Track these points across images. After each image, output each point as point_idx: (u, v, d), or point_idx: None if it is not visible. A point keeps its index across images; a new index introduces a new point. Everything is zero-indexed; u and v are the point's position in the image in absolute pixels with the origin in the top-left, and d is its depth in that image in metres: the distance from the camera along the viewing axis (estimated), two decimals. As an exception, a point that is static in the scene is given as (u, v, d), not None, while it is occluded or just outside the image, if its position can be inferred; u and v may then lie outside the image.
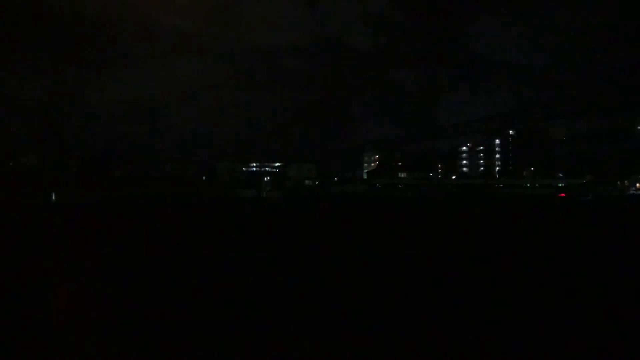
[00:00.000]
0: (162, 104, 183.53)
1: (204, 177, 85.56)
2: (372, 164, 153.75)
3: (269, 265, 12.36)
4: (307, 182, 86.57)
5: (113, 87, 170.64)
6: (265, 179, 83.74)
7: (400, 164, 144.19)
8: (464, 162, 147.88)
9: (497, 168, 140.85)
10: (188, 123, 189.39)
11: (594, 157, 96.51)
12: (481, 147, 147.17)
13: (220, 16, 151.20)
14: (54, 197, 52.75)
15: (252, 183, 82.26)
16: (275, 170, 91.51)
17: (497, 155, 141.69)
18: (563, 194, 60.78)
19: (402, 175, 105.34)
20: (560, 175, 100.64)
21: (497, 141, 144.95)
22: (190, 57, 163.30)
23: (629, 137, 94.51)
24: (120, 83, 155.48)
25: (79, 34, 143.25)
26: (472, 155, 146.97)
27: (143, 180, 67.84)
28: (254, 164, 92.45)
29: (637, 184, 65.05)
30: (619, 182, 67.02)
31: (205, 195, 65.38)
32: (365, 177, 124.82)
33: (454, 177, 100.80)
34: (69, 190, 56.07)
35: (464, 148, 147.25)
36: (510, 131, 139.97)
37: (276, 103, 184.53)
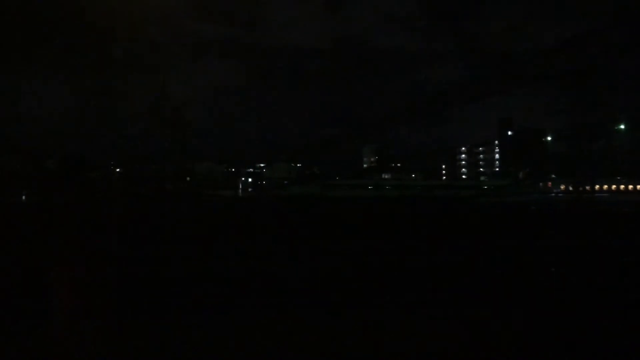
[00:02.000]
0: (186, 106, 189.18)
1: (187, 178, 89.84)
2: (372, 164, 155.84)
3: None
4: (285, 182, 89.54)
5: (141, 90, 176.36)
6: (242, 179, 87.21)
7: (396, 164, 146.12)
8: (463, 162, 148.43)
9: (497, 169, 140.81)
10: (208, 124, 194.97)
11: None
12: (480, 148, 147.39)
13: (244, 19, 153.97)
14: (23, 198, 57.16)
15: (230, 183, 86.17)
16: (255, 171, 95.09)
17: (495, 156, 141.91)
18: None
19: (386, 176, 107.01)
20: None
21: (497, 142, 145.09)
22: (215, 60, 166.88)
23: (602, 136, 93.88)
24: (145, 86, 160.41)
25: (105, 39, 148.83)
26: (471, 155, 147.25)
27: (115, 181, 72.21)
28: (238, 165, 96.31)
29: (562, 186, 64.50)
30: (541, 183, 66.78)
31: (178, 194, 69.23)
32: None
33: (429, 178, 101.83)
34: (42, 191, 60.30)
35: (463, 149, 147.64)
36: (509, 132, 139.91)
37: (298, 105, 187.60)
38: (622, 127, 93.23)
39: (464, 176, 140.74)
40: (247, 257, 14.19)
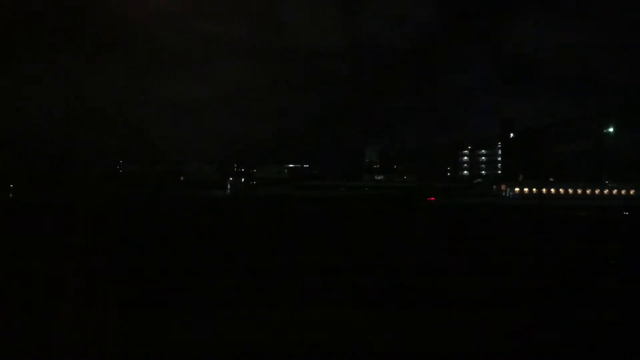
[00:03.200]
0: (204, 105, 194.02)
1: (181, 177, 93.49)
2: (375, 165, 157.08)
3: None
4: (253, 183, 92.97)
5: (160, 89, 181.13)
6: (230, 179, 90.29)
7: (398, 165, 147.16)
8: (465, 164, 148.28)
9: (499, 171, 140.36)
10: (224, 123, 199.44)
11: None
12: (483, 150, 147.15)
13: (262, 21, 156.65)
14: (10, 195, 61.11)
15: (220, 183, 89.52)
16: (247, 171, 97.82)
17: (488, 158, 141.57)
18: (432, 198, 61.51)
19: (379, 177, 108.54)
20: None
21: (499, 144, 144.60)
22: (233, 60, 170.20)
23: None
24: (165, 85, 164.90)
25: (126, 39, 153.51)
26: (473, 157, 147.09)
27: (105, 179, 76.08)
28: (230, 165, 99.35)
29: (517, 189, 64.49)
30: (494, 186, 66.85)
31: (166, 193, 72.72)
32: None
33: (405, 178, 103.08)
34: (29, 188, 64.41)
35: (466, 151, 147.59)
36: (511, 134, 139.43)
37: (313, 105, 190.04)
38: (611, 130, 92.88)
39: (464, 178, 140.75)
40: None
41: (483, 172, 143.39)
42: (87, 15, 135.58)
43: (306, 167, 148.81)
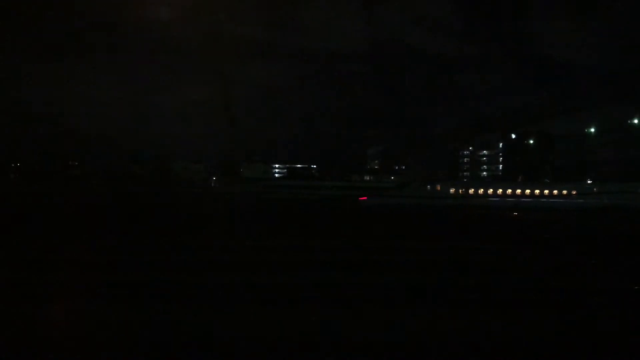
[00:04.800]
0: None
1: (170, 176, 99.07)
2: (376, 166, 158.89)
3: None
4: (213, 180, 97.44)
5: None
6: (214, 178, 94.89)
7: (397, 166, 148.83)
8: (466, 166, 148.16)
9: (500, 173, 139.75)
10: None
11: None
12: (484, 152, 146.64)
13: (282, 23, 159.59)
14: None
15: (204, 181, 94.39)
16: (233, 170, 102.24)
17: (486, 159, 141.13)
18: (364, 197, 61.39)
19: (368, 177, 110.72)
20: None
21: (500, 145, 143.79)
22: (253, 62, 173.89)
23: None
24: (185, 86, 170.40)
25: (150, 41, 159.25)
26: (474, 157, 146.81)
27: (91, 176, 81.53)
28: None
29: (452, 189, 64.82)
30: (429, 186, 67.22)
31: (151, 190, 77.77)
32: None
33: (392, 178, 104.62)
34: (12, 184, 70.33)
35: (466, 152, 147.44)
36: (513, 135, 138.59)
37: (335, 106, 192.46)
38: (592, 130, 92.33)
39: (465, 178, 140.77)
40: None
41: (484, 172, 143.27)
42: (115, 19, 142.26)
43: (314, 167, 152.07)
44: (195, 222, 29.84)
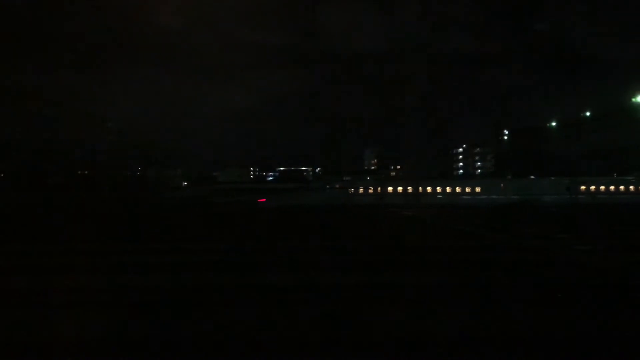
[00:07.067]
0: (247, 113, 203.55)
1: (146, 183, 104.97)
2: (373, 166, 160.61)
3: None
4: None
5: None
6: (185, 183, 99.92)
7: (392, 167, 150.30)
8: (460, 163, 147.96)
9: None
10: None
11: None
12: (478, 149, 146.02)
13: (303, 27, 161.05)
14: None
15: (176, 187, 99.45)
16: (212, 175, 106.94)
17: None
18: (263, 199, 61.61)
19: (346, 178, 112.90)
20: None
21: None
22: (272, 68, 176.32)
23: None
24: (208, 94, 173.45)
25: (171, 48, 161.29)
26: (468, 156, 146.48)
27: (70, 185, 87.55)
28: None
29: (361, 188, 65.20)
30: (328, 186, 67.84)
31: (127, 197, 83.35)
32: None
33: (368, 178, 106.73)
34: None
35: (460, 150, 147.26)
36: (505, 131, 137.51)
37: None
38: (554, 124, 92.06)
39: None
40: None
41: (479, 170, 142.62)
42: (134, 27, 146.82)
43: (318, 169, 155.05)
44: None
